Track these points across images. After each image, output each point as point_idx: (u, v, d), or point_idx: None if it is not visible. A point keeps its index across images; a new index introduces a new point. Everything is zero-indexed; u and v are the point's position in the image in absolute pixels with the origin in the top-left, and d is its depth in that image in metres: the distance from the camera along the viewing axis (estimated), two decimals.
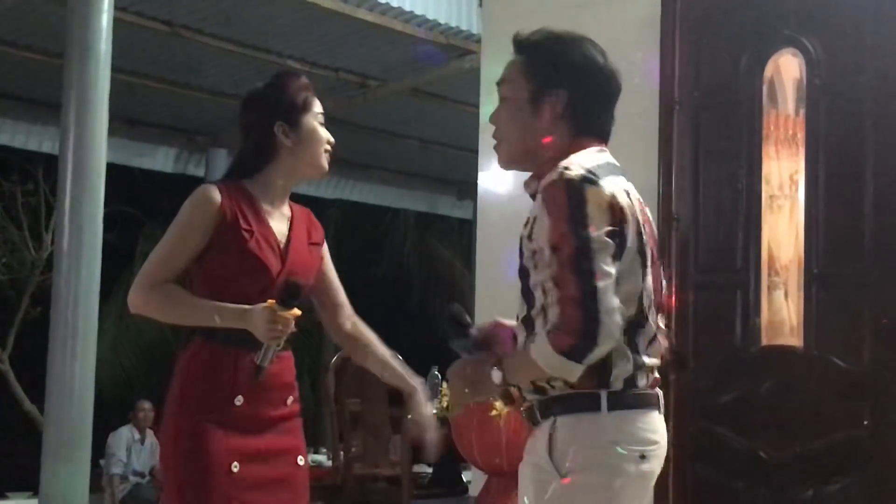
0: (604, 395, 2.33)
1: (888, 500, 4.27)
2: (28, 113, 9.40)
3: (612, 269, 2.28)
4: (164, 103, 9.37)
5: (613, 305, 2.26)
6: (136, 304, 2.99)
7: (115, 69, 6.11)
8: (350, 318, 3.23)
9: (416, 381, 3.19)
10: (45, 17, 7.32)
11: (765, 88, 4.74)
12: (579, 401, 2.33)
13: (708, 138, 4.83)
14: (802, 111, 4.67)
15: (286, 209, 3.08)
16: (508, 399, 2.49)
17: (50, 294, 6.21)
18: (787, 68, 4.75)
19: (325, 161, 3.05)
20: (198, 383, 2.91)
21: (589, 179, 2.33)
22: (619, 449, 2.31)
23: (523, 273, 2.40)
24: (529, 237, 2.37)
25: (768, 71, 4.74)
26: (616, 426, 2.33)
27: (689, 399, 4.71)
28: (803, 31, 4.59)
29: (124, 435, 9.54)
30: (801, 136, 4.67)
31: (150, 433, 9.63)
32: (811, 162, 4.56)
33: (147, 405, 9.58)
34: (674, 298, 4.51)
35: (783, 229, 4.73)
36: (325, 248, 3.21)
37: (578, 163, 2.37)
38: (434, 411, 6.35)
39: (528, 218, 2.41)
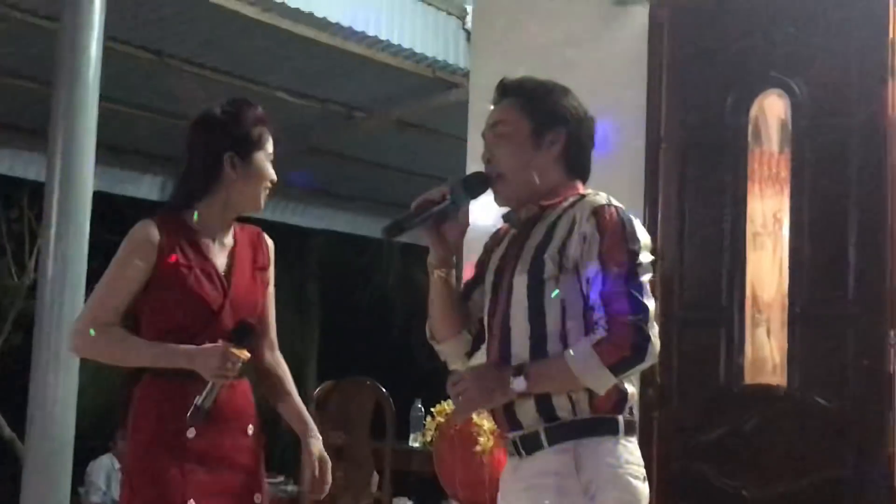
0: (621, 419, 2.47)
1: None
2: (14, 139, 9.37)
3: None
4: (150, 132, 9.36)
5: (657, 328, 2.41)
6: (79, 348, 2.97)
7: (102, 97, 6.10)
8: (272, 348, 3.12)
9: (312, 424, 3.07)
10: (34, 44, 7.32)
11: (750, 128, 4.77)
12: (601, 425, 2.45)
13: (693, 176, 4.86)
14: (787, 150, 4.70)
15: (228, 238, 3.01)
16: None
17: (31, 321, 6.18)
18: (772, 108, 4.78)
19: (264, 200, 2.98)
20: (150, 420, 2.86)
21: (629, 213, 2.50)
22: (634, 469, 2.45)
23: (536, 291, 2.48)
24: (560, 252, 2.46)
25: (753, 110, 4.77)
26: (627, 449, 2.46)
27: (673, 436, 4.72)
28: (789, 73, 4.63)
29: (104, 463, 9.47)
30: (784, 174, 4.70)
31: None
32: (795, 201, 4.59)
33: None
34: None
35: (766, 267, 4.75)
36: (271, 270, 3.09)
37: (606, 197, 2.52)
38: (417, 444, 6.35)
39: (550, 234, 2.51)
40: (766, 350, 4.72)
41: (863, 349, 4.34)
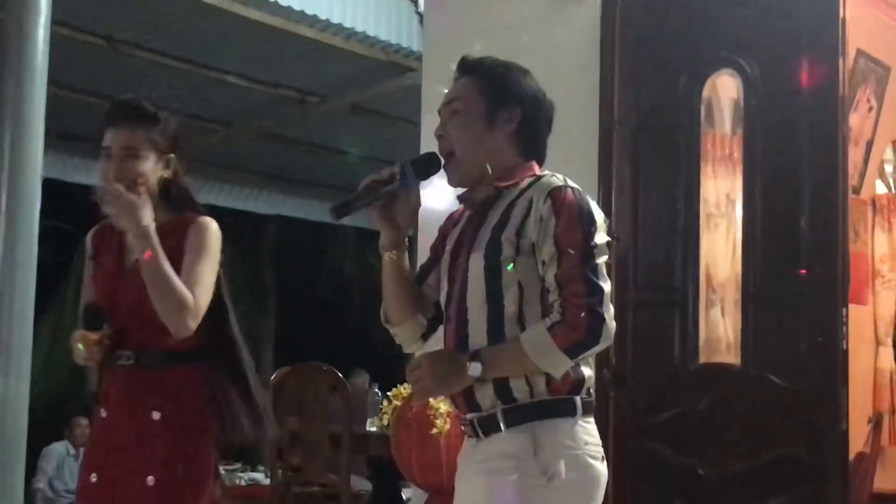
0: (578, 400, 2.46)
1: None
2: None
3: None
4: (100, 118, 9.27)
5: (612, 310, 2.40)
6: None
7: (51, 83, 6.04)
8: None
9: None
10: None
11: (703, 108, 4.79)
12: (559, 406, 2.45)
13: (647, 158, 4.87)
14: (739, 131, 4.73)
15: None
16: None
17: None
18: (725, 88, 4.80)
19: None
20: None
21: (585, 195, 2.49)
22: (592, 450, 2.46)
23: (493, 273, 2.47)
24: (517, 233, 2.45)
25: (706, 91, 4.79)
26: (585, 430, 2.46)
27: (628, 416, 4.74)
28: (740, 53, 4.64)
29: (57, 450, 9.42)
30: (737, 155, 4.73)
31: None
32: (748, 181, 4.61)
33: (84, 421, 9.45)
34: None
35: (720, 247, 4.78)
36: (191, 251, 3.03)
37: (563, 178, 2.51)
38: (374, 429, 6.35)
39: (507, 216, 2.49)
40: (721, 330, 4.76)
41: (816, 327, 4.37)
